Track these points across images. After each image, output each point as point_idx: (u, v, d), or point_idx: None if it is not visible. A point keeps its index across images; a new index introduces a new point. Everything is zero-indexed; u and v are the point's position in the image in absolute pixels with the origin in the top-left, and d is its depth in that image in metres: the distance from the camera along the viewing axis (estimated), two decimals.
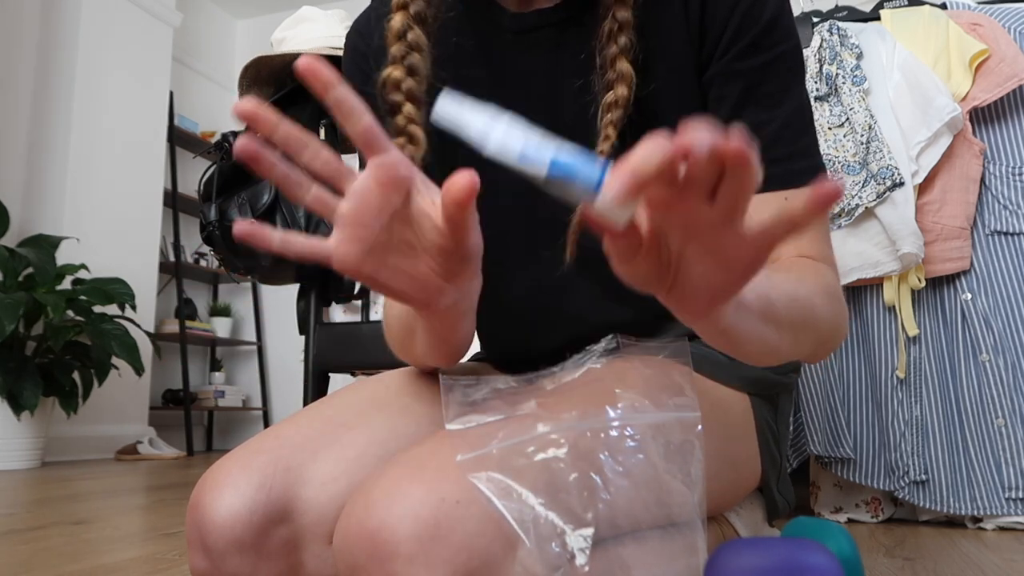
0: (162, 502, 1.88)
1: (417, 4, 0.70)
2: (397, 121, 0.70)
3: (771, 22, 0.69)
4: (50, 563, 1.11)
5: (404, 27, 0.70)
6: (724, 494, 0.73)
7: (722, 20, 0.69)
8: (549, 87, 0.73)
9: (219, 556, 0.58)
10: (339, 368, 1.98)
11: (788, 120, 0.69)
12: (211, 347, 4.71)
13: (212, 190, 1.87)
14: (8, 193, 3.43)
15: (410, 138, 0.70)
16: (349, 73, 0.83)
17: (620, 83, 0.67)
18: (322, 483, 0.62)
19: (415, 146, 0.70)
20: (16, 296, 2.81)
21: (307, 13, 1.98)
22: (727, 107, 0.70)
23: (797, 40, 0.71)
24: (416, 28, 0.70)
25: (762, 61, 0.69)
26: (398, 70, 0.69)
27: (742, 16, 0.69)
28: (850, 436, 1.58)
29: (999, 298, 1.52)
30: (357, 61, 0.82)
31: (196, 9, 4.80)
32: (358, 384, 0.74)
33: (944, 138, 1.54)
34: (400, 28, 0.70)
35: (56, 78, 3.58)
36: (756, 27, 0.69)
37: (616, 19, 0.67)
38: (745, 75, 0.69)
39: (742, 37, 0.69)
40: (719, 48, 0.70)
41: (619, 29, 0.67)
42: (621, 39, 0.67)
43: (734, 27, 0.69)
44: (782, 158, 0.68)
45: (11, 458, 2.88)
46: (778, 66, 0.69)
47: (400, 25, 0.70)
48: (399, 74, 0.69)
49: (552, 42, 0.73)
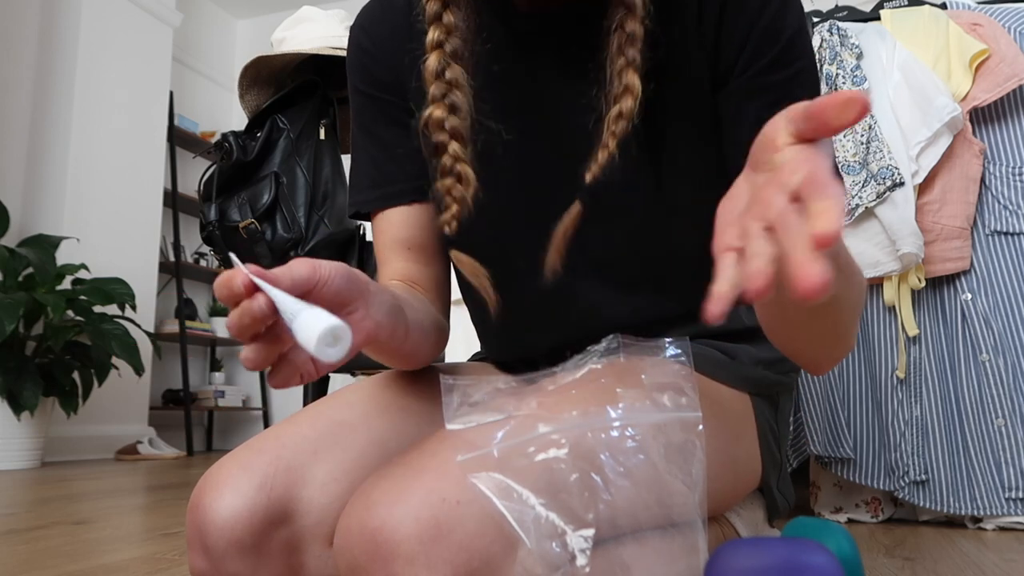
0: (162, 502, 1.88)
1: (453, 42, 0.69)
2: (443, 161, 0.69)
3: (790, 40, 0.68)
4: (50, 563, 1.11)
5: (441, 65, 0.68)
6: (724, 494, 0.73)
7: (740, 39, 0.69)
8: (553, 91, 0.73)
9: (219, 557, 0.58)
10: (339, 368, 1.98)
11: None
12: (211, 347, 4.71)
13: (212, 190, 1.87)
14: (8, 193, 3.43)
15: (459, 177, 0.69)
16: (352, 69, 0.82)
17: (627, 96, 0.66)
18: (323, 483, 0.62)
19: (464, 185, 0.69)
20: (16, 296, 2.81)
21: (307, 13, 1.98)
22: (747, 126, 0.69)
23: (814, 56, 0.71)
24: (454, 65, 0.68)
25: (782, 78, 0.69)
26: (439, 109, 0.68)
27: (761, 34, 0.68)
28: (850, 436, 1.58)
29: (999, 298, 1.52)
30: (360, 58, 0.81)
31: (196, 9, 4.80)
32: (358, 384, 0.74)
33: (944, 138, 1.54)
34: (437, 67, 0.68)
35: (56, 78, 3.58)
36: (775, 47, 0.68)
37: (626, 31, 0.66)
38: (764, 93, 0.69)
39: (761, 56, 0.68)
40: (737, 66, 0.69)
41: (628, 41, 0.66)
42: (630, 52, 0.66)
43: (752, 46, 0.68)
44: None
45: (11, 458, 2.89)
46: (797, 83, 0.69)
47: (437, 64, 0.68)
48: (441, 113, 0.68)
49: (559, 46, 0.72)
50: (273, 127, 1.90)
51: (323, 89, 1.95)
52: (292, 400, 4.63)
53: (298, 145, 1.90)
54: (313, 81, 1.94)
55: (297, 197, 1.86)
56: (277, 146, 1.90)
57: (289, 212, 1.85)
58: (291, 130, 1.90)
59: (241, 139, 1.89)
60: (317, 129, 1.94)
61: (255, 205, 1.84)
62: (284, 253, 1.85)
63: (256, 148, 1.87)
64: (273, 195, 1.85)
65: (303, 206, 1.86)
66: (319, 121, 1.94)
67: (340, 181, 1.94)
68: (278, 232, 1.84)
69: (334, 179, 1.92)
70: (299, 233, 1.84)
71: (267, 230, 1.84)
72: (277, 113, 1.92)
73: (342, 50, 1.88)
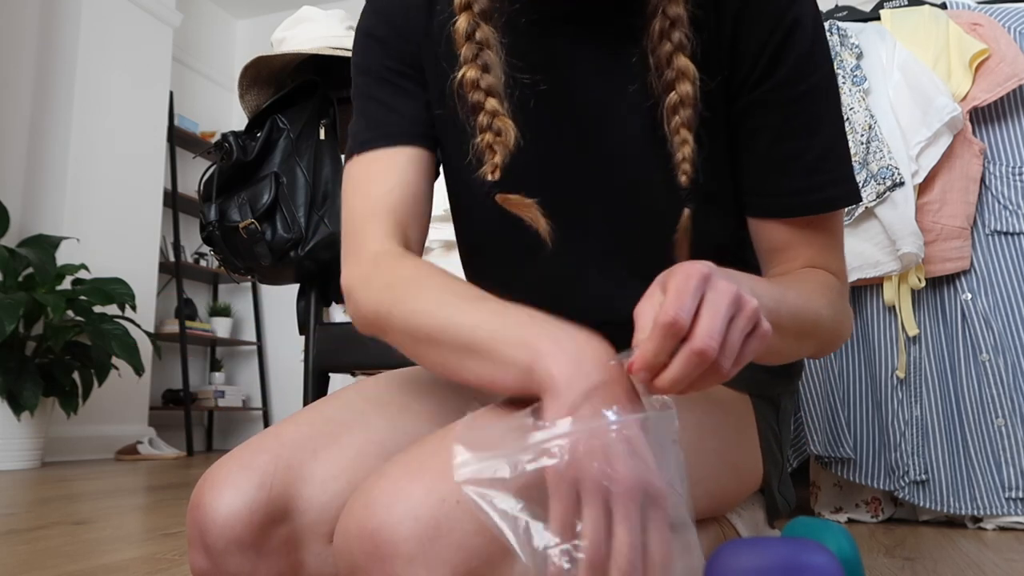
0: (162, 502, 1.88)
1: (481, 3, 0.69)
2: (481, 119, 0.70)
3: (804, 56, 0.68)
4: (50, 563, 1.11)
5: (472, 27, 0.69)
6: (725, 495, 0.73)
7: (752, 55, 0.68)
8: (609, 92, 0.71)
9: (219, 555, 0.58)
10: (339, 368, 1.98)
11: (825, 149, 0.70)
12: (211, 347, 4.71)
13: (212, 190, 1.87)
14: (8, 193, 3.43)
15: (497, 132, 0.69)
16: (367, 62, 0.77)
17: (682, 80, 0.65)
18: (322, 482, 0.62)
19: (503, 139, 0.69)
20: (16, 296, 2.81)
21: (307, 13, 1.98)
22: (765, 137, 0.70)
23: (831, 64, 0.70)
24: (484, 25, 0.69)
25: (798, 92, 0.68)
26: (473, 69, 0.69)
27: (775, 49, 0.67)
28: (850, 436, 1.58)
29: (999, 298, 1.52)
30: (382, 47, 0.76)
31: (196, 9, 4.80)
32: (358, 384, 0.74)
33: (944, 138, 1.54)
34: (468, 28, 0.69)
35: (56, 78, 3.58)
36: (787, 65, 0.68)
37: (668, 16, 0.65)
38: (780, 107, 0.69)
39: (775, 72, 0.68)
40: (749, 82, 0.69)
41: (671, 26, 0.65)
42: (675, 35, 0.65)
43: (765, 63, 0.68)
44: (822, 184, 0.70)
45: (11, 458, 2.88)
46: (813, 95, 0.69)
47: (467, 25, 0.69)
48: (474, 73, 0.69)
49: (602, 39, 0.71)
50: (273, 127, 1.90)
51: (323, 89, 1.95)
52: (292, 400, 4.63)
53: (298, 145, 1.90)
54: (313, 81, 1.94)
55: (297, 197, 1.86)
56: (277, 146, 1.90)
57: (289, 212, 1.85)
58: (291, 130, 1.90)
59: (241, 139, 1.89)
60: (317, 129, 1.94)
61: (255, 205, 1.84)
62: (284, 253, 1.85)
63: (256, 148, 1.87)
64: (273, 195, 1.85)
65: (303, 206, 1.86)
66: (319, 121, 1.94)
67: (340, 181, 1.94)
68: (278, 232, 1.84)
69: (334, 179, 1.92)
70: (299, 233, 1.84)
71: (267, 230, 1.84)
72: (277, 113, 1.92)
73: (342, 50, 1.88)
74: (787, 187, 0.70)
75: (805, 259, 0.71)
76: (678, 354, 0.48)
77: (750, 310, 0.49)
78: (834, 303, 0.68)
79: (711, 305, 0.48)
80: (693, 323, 0.47)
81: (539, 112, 0.72)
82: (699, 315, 0.48)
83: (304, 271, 1.92)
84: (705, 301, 0.48)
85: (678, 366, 0.47)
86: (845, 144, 0.71)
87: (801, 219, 0.71)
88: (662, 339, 0.47)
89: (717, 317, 0.47)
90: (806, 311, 0.63)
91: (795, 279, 0.68)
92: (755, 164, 0.71)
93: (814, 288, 0.67)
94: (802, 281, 0.68)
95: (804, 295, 0.64)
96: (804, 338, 0.64)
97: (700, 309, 0.48)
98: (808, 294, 0.65)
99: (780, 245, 0.72)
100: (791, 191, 0.70)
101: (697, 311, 0.48)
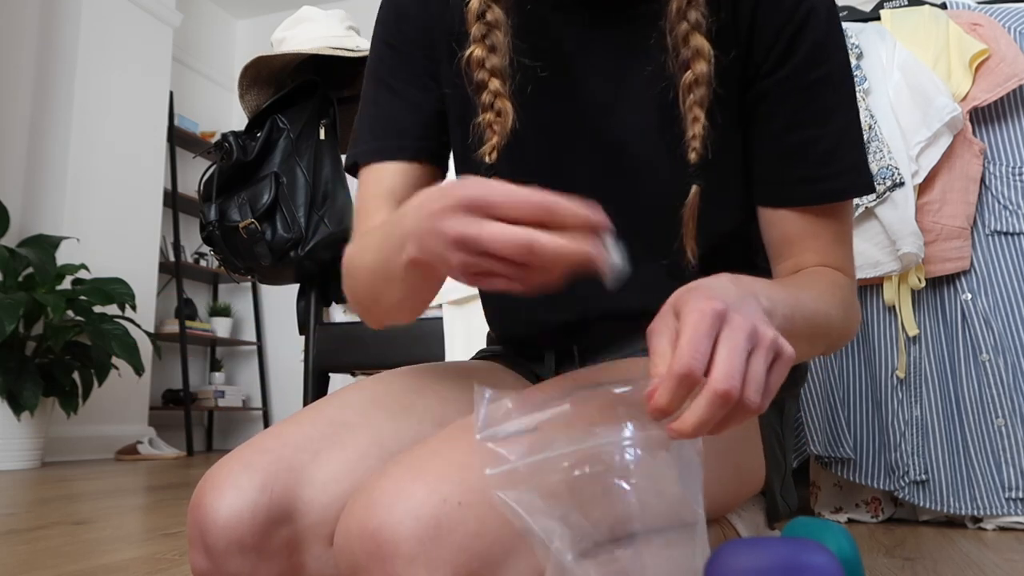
0: (162, 502, 1.88)
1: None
2: (483, 98, 0.72)
3: (818, 44, 0.69)
4: (50, 563, 1.11)
5: (483, 7, 0.71)
6: (727, 497, 0.73)
7: (768, 42, 0.69)
8: (620, 75, 0.73)
9: (220, 556, 0.58)
10: (339, 368, 1.98)
11: (839, 137, 0.71)
12: (211, 347, 4.71)
13: (212, 190, 1.87)
14: (8, 193, 3.43)
15: (498, 112, 0.72)
16: (382, 21, 0.81)
17: (697, 60, 0.66)
18: (324, 483, 0.62)
19: (502, 118, 0.72)
20: (16, 296, 2.81)
21: (307, 13, 1.98)
22: (778, 124, 0.71)
23: (845, 53, 0.71)
24: (495, 7, 0.71)
25: (811, 80, 0.69)
26: (480, 49, 0.71)
27: (789, 37, 0.69)
28: (850, 436, 1.58)
29: (999, 298, 1.52)
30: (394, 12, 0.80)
31: (196, 9, 4.80)
32: (359, 384, 0.74)
33: (944, 138, 1.54)
34: (479, 9, 0.71)
35: (56, 78, 3.58)
36: (800, 52, 0.69)
37: None
38: (793, 94, 0.70)
39: (789, 59, 0.69)
40: (764, 68, 0.70)
41: (689, 4, 0.66)
42: (692, 15, 0.66)
43: (780, 49, 0.69)
44: (834, 174, 0.70)
45: (11, 458, 2.89)
46: (826, 83, 0.70)
47: (479, 6, 0.71)
48: (481, 52, 0.71)
49: (617, 22, 0.72)
50: (273, 127, 1.90)
51: (323, 89, 1.95)
52: (292, 400, 4.63)
53: (298, 145, 1.90)
54: (313, 81, 1.94)
55: (297, 197, 1.86)
56: (277, 146, 1.90)
57: (289, 212, 1.85)
58: (291, 130, 1.90)
59: (241, 139, 1.89)
60: (317, 129, 1.94)
61: (255, 205, 1.84)
62: (284, 253, 1.85)
63: (256, 148, 1.87)
64: (273, 195, 1.85)
65: (303, 206, 1.86)
66: (319, 121, 1.94)
67: (340, 181, 1.94)
68: (278, 232, 1.84)
69: (334, 179, 1.92)
70: (299, 233, 1.84)
71: (267, 230, 1.85)
72: (277, 113, 1.92)
73: (342, 50, 1.88)
74: (798, 175, 0.71)
75: (814, 251, 0.72)
76: (700, 397, 0.46)
77: (768, 341, 0.48)
78: (844, 302, 0.69)
79: (727, 343, 0.47)
80: (710, 364, 0.47)
81: (540, 96, 0.73)
82: (716, 355, 0.47)
83: (304, 271, 1.92)
84: (721, 339, 0.47)
85: (701, 409, 0.46)
86: (859, 134, 0.72)
87: (811, 208, 0.71)
88: (677, 387, 0.46)
89: (735, 354, 0.46)
90: (819, 314, 0.64)
91: (807, 280, 0.69)
92: (767, 152, 0.72)
93: (825, 289, 0.68)
94: (814, 282, 0.68)
95: (817, 297, 0.65)
96: (817, 340, 0.65)
97: (716, 348, 0.47)
98: (820, 296, 0.66)
99: (790, 236, 0.72)
100: (802, 179, 0.71)
101: (714, 349, 0.47)
